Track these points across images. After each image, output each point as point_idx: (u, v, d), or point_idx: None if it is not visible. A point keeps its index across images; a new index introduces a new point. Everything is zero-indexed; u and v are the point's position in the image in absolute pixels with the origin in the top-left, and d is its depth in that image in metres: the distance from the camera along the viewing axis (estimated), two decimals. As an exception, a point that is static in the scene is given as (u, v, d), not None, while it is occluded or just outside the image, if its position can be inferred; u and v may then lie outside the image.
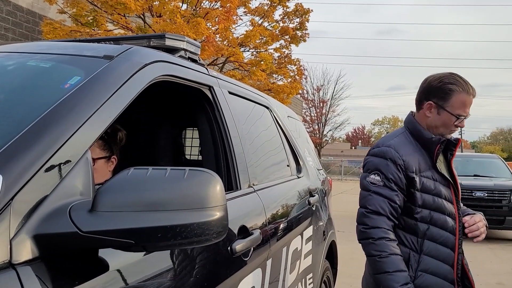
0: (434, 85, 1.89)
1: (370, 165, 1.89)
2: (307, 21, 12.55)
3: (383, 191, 1.83)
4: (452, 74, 1.90)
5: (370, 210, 1.82)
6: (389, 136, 1.97)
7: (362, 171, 1.94)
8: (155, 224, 0.89)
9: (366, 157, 1.93)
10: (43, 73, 1.32)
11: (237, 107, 2.04)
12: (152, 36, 1.80)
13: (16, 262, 0.82)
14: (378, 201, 1.81)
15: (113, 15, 9.25)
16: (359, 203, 1.89)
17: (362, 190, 1.89)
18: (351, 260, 6.27)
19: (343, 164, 36.31)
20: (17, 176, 0.88)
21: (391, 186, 1.82)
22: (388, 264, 1.74)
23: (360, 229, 1.85)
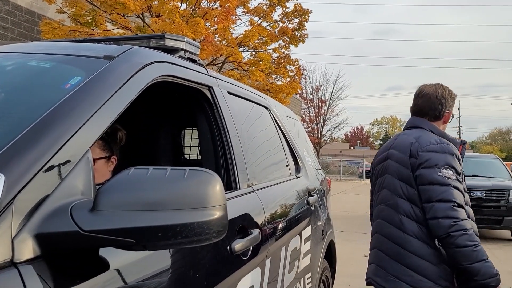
0: (451, 97, 2.17)
1: (436, 160, 1.94)
2: (306, 22, 12.54)
3: (458, 185, 1.92)
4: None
5: (456, 204, 1.88)
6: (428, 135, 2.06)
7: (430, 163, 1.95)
8: (155, 224, 0.90)
9: (424, 153, 1.97)
10: (44, 73, 1.32)
11: (236, 107, 2.05)
12: (151, 37, 1.81)
13: (18, 261, 0.83)
14: (458, 194, 1.90)
15: (112, 15, 9.24)
16: (437, 197, 1.90)
17: (437, 184, 1.91)
18: (350, 260, 6.29)
19: (341, 164, 36.35)
20: (18, 175, 0.88)
21: (460, 180, 1.95)
22: (482, 252, 1.86)
23: (451, 222, 1.85)
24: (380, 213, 2.14)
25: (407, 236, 1.99)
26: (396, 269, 2.01)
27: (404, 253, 1.99)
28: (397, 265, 2.01)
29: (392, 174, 2.10)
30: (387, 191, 2.12)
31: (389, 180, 2.11)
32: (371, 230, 2.25)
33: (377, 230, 2.16)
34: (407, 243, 1.99)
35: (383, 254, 2.08)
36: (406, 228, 2.00)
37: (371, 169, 2.37)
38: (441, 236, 1.88)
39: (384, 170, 2.17)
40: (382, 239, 2.10)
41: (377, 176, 2.23)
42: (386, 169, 2.15)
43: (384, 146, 2.29)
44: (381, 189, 2.17)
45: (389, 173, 2.12)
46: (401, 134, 2.21)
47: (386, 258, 2.06)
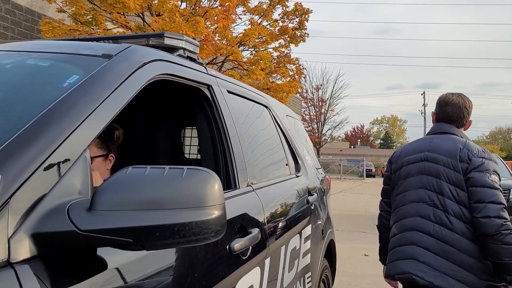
0: (472, 107, 2.43)
1: (487, 166, 2.14)
2: (306, 21, 12.52)
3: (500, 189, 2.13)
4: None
5: (504, 206, 2.08)
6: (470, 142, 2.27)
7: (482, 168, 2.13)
8: (153, 223, 0.90)
9: (476, 158, 2.16)
10: (42, 72, 1.32)
11: (236, 106, 2.05)
12: (151, 35, 1.80)
13: (15, 260, 0.82)
14: (503, 199, 2.11)
15: (112, 14, 9.23)
16: (489, 199, 2.07)
17: (488, 188, 2.09)
18: (350, 259, 6.29)
19: (342, 163, 36.34)
20: (15, 174, 0.88)
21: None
22: None
23: (502, 222, 2.03)
24: (419, 211, 2.22)
25: (456, 235, 2.12)
26: (444, 266, 2.11)
27: (452, 251, 2.12)
28: (444, 261, 2.12)
29: (437, 176, 2.21)
30: (427, 191, 2.22)
31: (431, 181, 2.22)
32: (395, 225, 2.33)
33: (415, 227, 2.22)
34: (456, 242, 2.11)
35: (426, 251, 2.16)
36: (455, 228, 2.13)
37: (391, 167, 2.46)
38: (491, 233, 2.03)
39: (420, 170, 2.27)
40: (424, 237, 2.18)
41: (407, 176, 2.32)
42: (425, 171, 2.26)
43: (412, 147, 2.40)
44: (416, 188, 2.26)
45: (432, 175, 2.23)
46: (435, 138, 2.33)
47: (431, 255, 2.15)
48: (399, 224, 2.30)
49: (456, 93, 2.43)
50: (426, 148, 2.30)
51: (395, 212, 2.35)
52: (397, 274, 2.24)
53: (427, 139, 2.38)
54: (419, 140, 2.45)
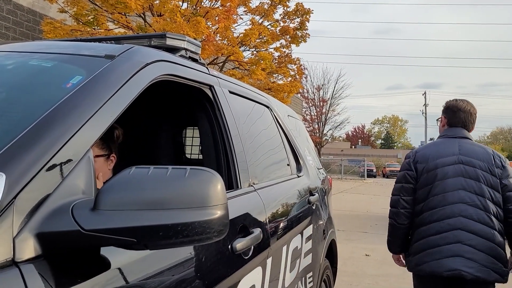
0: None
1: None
2: (307, 21, 12.52)
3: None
4: None
5: None
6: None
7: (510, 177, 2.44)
8: (156, 223, 0.90)
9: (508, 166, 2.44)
10: (45, 73, 1.32)
11: (238, 107, 2.05)
12: (153, 36, 1.81)
13: (19, 260, 0.83)
14: None
15: (113, 14, 9.24)
16: None
17: None
18: (350, 259, 6.29)
19: (343, 163, 36.32)
20: (20, 174, 0.88)
21: None
22: None
23: None
24: (464, 211, 2.38)
25: (495, 232, 2.37)
26: (487, 260, 2.34)
27: (493, 246, 2.35)
28: (487, 256, 2.34)
29: (476, 179, 2.41)
30: (467, 192, 2.40)
31: (471, 183, 2.41)
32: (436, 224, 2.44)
33: (459, 226, 2.38)
34: (495, 238, 2.36)
35: (471, 248, 2.34)
36: (495, 226, 2.37)
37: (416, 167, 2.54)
38: None
39: (457, 173, 2.44)
40: (469, 235, 2.36)
41: (444, 177, 2.45)
42: (463, 173, 2.43)
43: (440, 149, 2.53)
44: (456, 189, 2.42)
45: (471, 178, 2.42)
46: (462, 142, 2.53)
47: (476, 251, 2.34)
48: (442, 223, 2.41)
49: (465, 100, 2.64)
50: (457, 152, 2.47)
51: (433, 212, 2.45)
52: (445, 271, 2.37)
53: (453, 142, 2.53)
54: (440, 142, 2.59)
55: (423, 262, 2.44)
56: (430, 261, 2.41)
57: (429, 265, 2.41)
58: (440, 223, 2.41)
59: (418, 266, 2.46)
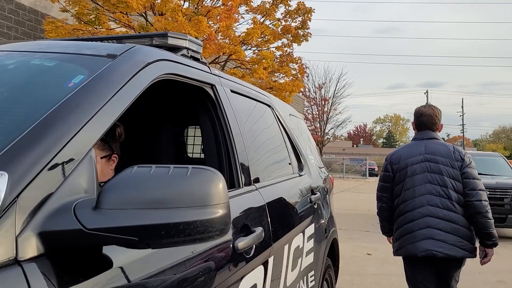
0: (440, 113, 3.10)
1: (473, 163, 2.90)
2: (309, 20, 12.50)
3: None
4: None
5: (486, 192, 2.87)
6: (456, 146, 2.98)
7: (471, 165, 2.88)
8: (158, 222, 0.90)
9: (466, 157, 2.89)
10: (47, 72, 1.33)
11: (239, 106, 2.05)
12: (154, 35, 1.81)
13: (22, 259, 0.83)
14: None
15: (115, 13, 9.26)
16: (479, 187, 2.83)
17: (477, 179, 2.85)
18: (352, 258, 6.29)
19: (344, 162, 36.29)
20: (22, 173, 0.89)
21: None
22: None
23: (487, 203, 2.82)
24: (431, 200, 2.84)
25: (459, 216, 2.82)
26: (453, 240, 2.78)
27: (458, 228, 2.81)
28: (453, 236, 2.79)
29: (439, 173, 2.86)
30: (432, 185, 2.86)
31: (435, 177, 2.86)
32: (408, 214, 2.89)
33: (427, 213, 2.83)
34: (459, 221, 2.81)
35: (439, 231, 2.80)
36: (458, 210, 2.82)
37: (392, 167, 3.02)
38: (482, 212, 2.78)
39: (424, 169, 2.89)
40: (436, 220, 2.82)
41: (413, 174, 2.91)
42: (428, 169, 2.88)
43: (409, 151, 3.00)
44: (423, 183, 2.87)
45: (435, 172, 2.86)
46: (427, 143, 2.97)
47: (443, 233, 2.79)
48: (414, 212, 2.87)
49: (427, 105, 3.14)
50: (423, 151, 2.93)
51: (406, 203, 2.90)
52: (419, 252, 2.82)
53: (420, 143, 3.00)
54: (411, 145, 3.06)
55: (402, 247, 2.92)
56: (406, 245, 2.88)
57: (406, 248, 2.89)
58: (412, 212, 2.87)
59: (399, 250, 2.96)
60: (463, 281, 5.32)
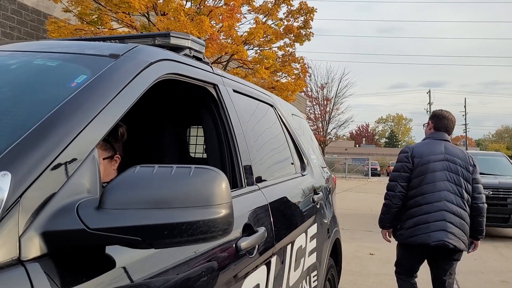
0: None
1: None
2: (311, 20, 12.49)
3: None
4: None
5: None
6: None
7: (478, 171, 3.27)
8: (161, 222, 0.90)
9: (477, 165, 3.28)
10: (50, 72, 1.33)
11: (242, 105, 2.05)
12: (157, 35, 1.81)
13: (25, 259, 0.83)
14: None
15: (117, 13, 9.27)
16: (483, 191, 3.25)
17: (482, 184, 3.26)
18: (354, 258, 6.28)
19: (347, 162, 36.27)
20: (25, 173, 0.88)
21: None
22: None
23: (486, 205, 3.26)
24: (448, 197, 3.13)
25: (466, 213, 3.17)
26: (460, 234, 3.12)
27: (464, 223, 3.15)
28: (460, 231, 3.12)
29: (456, 173, 3.17)
30: (450, 183, 3.15)
31: (453, 176, 3.16)
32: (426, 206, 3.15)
33: (444, 208, 3.11)
34: (466, 218, 3.16)
35: (451, 225, 3.09)
36: (466, 209, 3.16)
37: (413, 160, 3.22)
38: (483, 213, 3.21)
39: (444, 167, 3.18)
40: (450, 215, 3.11)
41: (434, 170, 3.17)
42: (448, 168, 3.18)
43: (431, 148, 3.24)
44: (443, 179, 3.15)
45: (453, 172, 3.17)
46: (447, 144, 3.28)
47: (454, 227, 3.09)
48: (431, 206, 3.12)
49: (448, 111, 3.39)
50: (443, 151, 3.21)
51: (424, 196, 3.15)
52: (433, 241, 3.07)
53: (440, 143, 3.26)
54: (430, 143, 3.28)
55: (415, 235, 3.14)
56: (420, 234, 3.12)
57: (419, 237, 3.12)
58: (429, 205, 3.12)
59: (411, 238, 3.17)
60: (467, 281, 5.32)
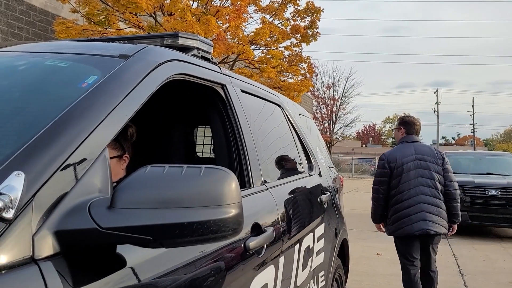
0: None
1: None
2: (318, 20, 12.45)
3: None
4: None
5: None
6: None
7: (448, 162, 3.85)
8: (172, 221, 0.91)
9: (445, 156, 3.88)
10: (61, 73, 1.34)
11: (250, 105, 2.05)
12: (165, 35, 1.82)
13: (38, 257, 0.84)
14: None
15: (124, 14, 9.31)
16: (454, 179, 3.81)
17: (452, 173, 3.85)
18: (361, 258, 6.26)
19: (353, 162, 36.16)
20: (38, 173, 0.89)
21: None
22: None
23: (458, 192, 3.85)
24: (423, 190, 3.66)
25: (441, 201, 3.71)
26: (438, 220, 3.66)
27: (440, 211, 3.68)
28: (438, 218, 3.66)
29: (427, 169, 3.71)
30: (423, 178, 3.69)
31: (425, 172, 3.70)
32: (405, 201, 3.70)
33: (420, 201, 3.65)
34: (442, 205, 3.70)
35: (429, 214, 3.63)
36: (440, 197, 3.71)
37: (390, 166, 3.78)
38: (456, 198, 3.75)
39: (416, 166, 3.72)
40: (427, 206, 3.65)
41: (408, 170, 3.71)
42: (419, 166, 3.72)
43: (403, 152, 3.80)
44: (416, 177, 3.69)
45: (424, 168, 3.71)
46: (416, 145, 3.84)
47: (432, 216, 3.63)
48: (409, 200, 3.67)
49: (414, 116, 4.05)
50: (414, 152, 3.78)
51: (403, 193, 3.70)
52: (416, 231, 3.62)
53: (410, 146, 3.84)
54: (402, 147, 3.87)
55: (400, 228, 3.70)
56: (405, 226, 3.67)
57: (404, 229, 3.68)
58: (409, 200, 3.67)
59: (397, 231, 3.73)
60: (475, 282, 5.29)
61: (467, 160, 10.41)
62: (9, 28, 9.13)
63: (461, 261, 6.39)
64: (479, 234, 8.73)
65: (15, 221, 0.82)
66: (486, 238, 8.40)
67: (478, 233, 8.81)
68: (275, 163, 2.25)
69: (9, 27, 9.13)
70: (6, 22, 9.08)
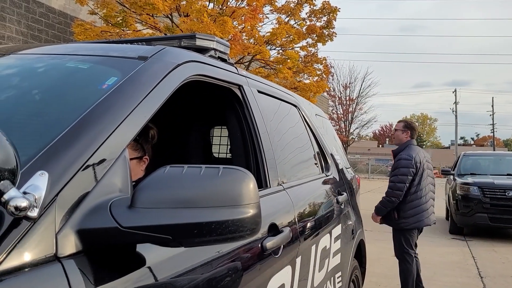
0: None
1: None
2: (334, 20, 12.38)
3: None
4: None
5: None
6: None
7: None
8: (191, 221, 0.92)
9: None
10: (82, 74, 1.36)
11: (266, 106, 2.06)
12: (183, 37, 1.83)
13: (61, 255, 0.86)
14: None
15: (141, 15, 9.41)
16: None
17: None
18: (378, 260, 6.21)
19: (370, 162, 35.86)
20: (61, 173, 0.91)
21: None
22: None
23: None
24: (430, 188, 4.33)
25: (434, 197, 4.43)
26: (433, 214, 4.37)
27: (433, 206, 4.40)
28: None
29: (431, 170, 4.37)
30: (430, 178, 4.33)
31: (430, 173, 4.36)
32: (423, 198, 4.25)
33: (431, 197, 4.31)
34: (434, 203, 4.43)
35: (433, 208, 4.34)
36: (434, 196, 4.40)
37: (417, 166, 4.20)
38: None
39: (426, 167, 4.29)
40: (433, 201, 4.34)
41: (423, 171, 4.22)
42: (428, 167, 4.32)
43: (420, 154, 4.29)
44: (427, 176, 4.27)
45: (429, 169, 4.36)
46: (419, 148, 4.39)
47: (433, 209, 4.35)
48: (426, 196, 4.25)
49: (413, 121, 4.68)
50: (424, 155, 4.33)
51: (422, 190, 4.22)
52: (432, 223, 4.29)
53: (419, 149, 4.35)
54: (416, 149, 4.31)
55: (419, 220, 4.20)
56: (424, 219, 4.22)
57: (423, 221, 4.22)
58: (425, 196, 4.24)
59: (417, 223, 4.20)
60: (495, 285, 5.20)
61: (486, 161, 10.24)
62: (29, 30, 9.31)
63: (481, 263, 6.28)
64: (499, 236, 8.57)
65: (39, 220, 0.84)
66: (506, 240, 8.24)
67: (498, 235, 8.65)
68: (291, 163, 2.25)
69: (29, 29, 9.31)
70: (26, 24, 9.26)
